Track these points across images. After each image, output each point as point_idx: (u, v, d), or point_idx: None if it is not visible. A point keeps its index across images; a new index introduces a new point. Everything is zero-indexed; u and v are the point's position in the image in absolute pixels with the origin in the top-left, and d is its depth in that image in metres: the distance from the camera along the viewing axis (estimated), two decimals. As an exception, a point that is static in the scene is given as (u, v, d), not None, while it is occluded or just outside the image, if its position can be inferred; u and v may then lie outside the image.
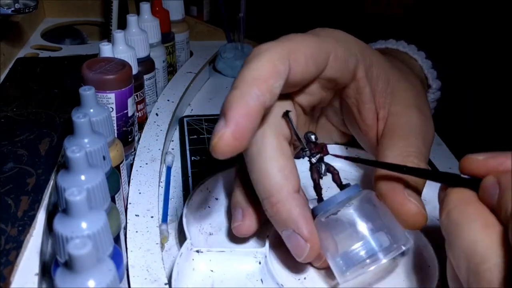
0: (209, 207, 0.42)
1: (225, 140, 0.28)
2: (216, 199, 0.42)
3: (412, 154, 0.34)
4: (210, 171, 0.43)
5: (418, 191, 0.33)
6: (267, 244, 0.36)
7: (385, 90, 0.38)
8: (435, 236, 0.35)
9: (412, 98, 0.39)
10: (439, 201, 0.29)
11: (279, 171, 0.32)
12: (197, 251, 0.35)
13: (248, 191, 0.36)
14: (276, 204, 0.32)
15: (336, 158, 0.35)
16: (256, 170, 0.32)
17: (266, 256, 0.35)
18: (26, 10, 0.57)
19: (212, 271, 0.35)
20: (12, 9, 0.56)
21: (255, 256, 0.36)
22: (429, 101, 0.50)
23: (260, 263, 0.36)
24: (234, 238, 0.39)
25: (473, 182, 0.28)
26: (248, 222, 0.36)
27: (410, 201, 0.32)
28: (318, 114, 0.42)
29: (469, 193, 0.27)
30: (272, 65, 0.30)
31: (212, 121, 0.58)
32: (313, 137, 0.34)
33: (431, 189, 0.44)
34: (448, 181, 0.29)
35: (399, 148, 0.35)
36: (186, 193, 0.46)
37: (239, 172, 0.37)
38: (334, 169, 0.34)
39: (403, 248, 0.31)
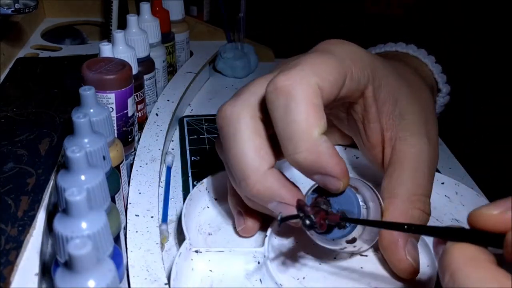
0: (208, 207, 0.42)
1: (346, 183, 0.32)
2: (215, 199, 0.42)
3: (418, 199, 0.35)
4: (210, 172, 0.43)
5: (416, 243, 0.35)
6: (266, 244, 0.36)
7: (392, 112, 0.37)
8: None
9: (421, 124, 0.38)
10: (436, 255, 0.28)
11: (255, 152, 0.32)
12: (196, 251, 0.35)
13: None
14: (255, 185, 0.32)
15: None
16: (232, 151, 0.33)
17: (265, 256, 0.35)
18: (26, 10, 0.57)
19: (211, 271, 0.35)
20: (12, 9, 0.56)
21: (254, 256, 0.36)
22: (438, 106, 0.50)
23: (259, 263, 0.36)
24: (233, 238, 0.39)
25: (491, 238, 0.25)
26: (250, 223, 0.37)
27: (408, 260, 0.34)
28: None
29: (473, 250, 0.25)
30: (315, 106, 0.31)
31: (212, 121, 0.58)
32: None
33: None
34: (456, 237, 0.26)
35: (407, 190, 0.35)
36: (186, 193, 0.46)
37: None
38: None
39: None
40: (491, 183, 0.48)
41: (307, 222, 0.30)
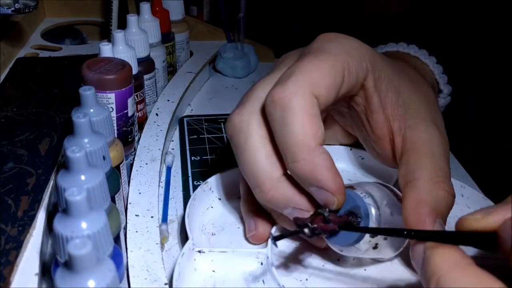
0: (211, 207, 0.42)
1: (342, 200, 0.32)
2: (219, 199, 0.42)
3: (441, 180, 0.34)
4: (212, 171, 0.43)
5: (444, 224, 0.34)
6: (269, 244, 0.36)
7: (396, 102, 0.37)
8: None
9: (426, 112, 0.38)
10: (416, 259, 0.27)
11: (267, 159, 0.32)
12: (199, 251, 0.35)
13: (255, 198, 0.36)
14: (269, 192, 0.32)
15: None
16: (244, 159, 0.33)
17: (268, 257, 0.35)
18: (26, 10, 0.57)
19: (214, 271, 0.35)
20: (12, 9, 0.56)
21: (257, 257, 0.36)
22: (439, 107, 0.50)
23: (262, 263, 0.36)
24: (236, 238, 0.39)
25: (482, 237, 0.25)
26: (261, 230, 0.37)
27: None
28: (325, 115, 0.42)
29: (455, 255, 0.25)
30: (312, 116, 0.31)
31: (212, 121, 0.58)
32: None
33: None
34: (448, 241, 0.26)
35: (428, 172, 0.34)
36: (186, 193, 0.46)
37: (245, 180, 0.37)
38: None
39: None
40: (491, 183, 0.48)
41: (306, 231, 0.30)
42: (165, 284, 0.32)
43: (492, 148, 0.61)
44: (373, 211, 0.33)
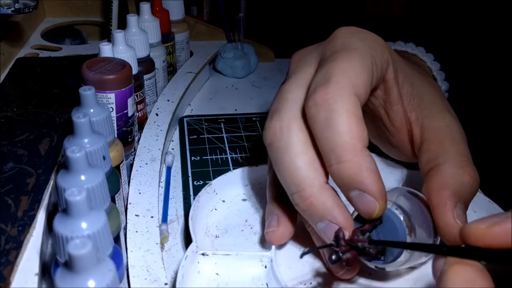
0: (215, 209, 0.42)
1: (382, 208, 0.31)
2: (223, 201, 0.42)
3: (466, 164, 0.34)
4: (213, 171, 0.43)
5: (465, 208, 0.34)
6: (273, 248, 0.35)
7: (411, 92, 0.37)
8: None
9: (440, 101, 0.38)
10: (434, 272, 0.27)
11: (309, 165, 0.32)
12: (203, 254, 0.35)
13: (282, 198, 0.35)
14: (309, 198, 0.31)
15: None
16: (284, 165, 0.32)
17: (272, 260, 0.35)
18: (26, 10, 0.57)
19: (217, 274, 0.35)
20: (12, 9, 0.56)
21: (261, 260, 0.35)
22: None
23: (266, 267, 0.35)
24: (240, 241, 0.39)
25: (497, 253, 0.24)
26: (282, 230, 0.36)
27: (456, 223, 0.32)
28: None
29: (472, 274, 0.24)
30: (357, 117, 0.31)
31: (212, 121, 0.58)
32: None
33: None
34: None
35: (452, 156, 0.34)
36: (186, 193, 0.46)
37: (273, 179, 0.37)
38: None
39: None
40: (491, 183, 0.48)
41: (333, 257, 0.30)
42: (165, 284, 0.32)
43: (492, 148, 0.61)
44: (403, 223, 0.32)
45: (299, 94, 0.33)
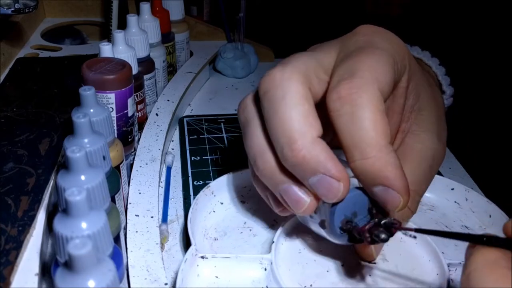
0: (214, 211, 0.41)
1: (406, 202, 0.31)
2: (221, 203, 0.42)
3: (411, 195, 0.34)
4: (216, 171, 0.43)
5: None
6: (273, 250, 0.35)
7: (413, 105, 0.37)
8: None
9: (434, 122, 0.38)
10: (466, 255, 0.27)
11: (304, 118, 0.31)
12: (202, 257, 0.35)
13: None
14: (301, 151, 0.30)
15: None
16: (278, 115, 0.31)
17: (272, 263, 0.35)
18: (26, 10, 0.57)
19: (217, 277, 0.35)
20: (12, 9, 0.56)
21: (260, 263, 0.35)
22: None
23: (265, 269, 0.35)
24: (239, 243, 0.39)
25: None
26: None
27: None
28: None
29: (496, 255, 0.24)
30: (382, 112, 0.30)
31: (212, 121, 0.58)
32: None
33: (438, 196, 0.44)
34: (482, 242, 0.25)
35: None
36: (186, 193, 0.46)
37: (268, 143, 0.34)
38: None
39: None
40: (491, 183, 0.48)
41: (383, 236, 0.30)
42: (165, 284, 0.32)
43: (492, 148, 0.61)
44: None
45: (311, 61, 0.33)
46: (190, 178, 0.48)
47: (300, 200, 0.32)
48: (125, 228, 0.36)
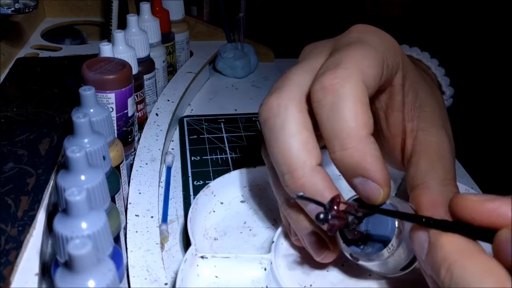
0: (213, 211, 0.41)
1: (387, 194, 0.30)
2: (221, 203, 0.42)
3: (451, 183, 0.34)
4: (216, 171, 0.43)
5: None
6: (273, 250, 0.35)
7: (414, 102, 0.37)
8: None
9: (439, 117, 0.38)
10: (418, 243, 0.27)
11: (303, 146, 0.31)
12: (202, 257, 0.35)
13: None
14: (300, 179, 0.31)
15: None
16: (278, 144, 0.32)
17: (271, 263, 0.35)
18: (26, 10, 0.57)
19: (216, 277, 0.35)
20: (12, 9, 0.56)
21: (260, 263, 0.35)
22: None
23: (265, 269, 0.35)
24: (239, 243, 0.39)
25: (482, 232, 0.25)
26: (335, 250, 0.34)
27: None
28: None
29: (463, 241, 0.25)
30: (364, 104, 0.30)
31: (212, 121, 0.58)
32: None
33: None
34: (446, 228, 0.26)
35: (439, 175, 0.34)
36: (186, 193, 0.46)
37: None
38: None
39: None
40: (491, 183, 0.48)
41: (321, 216, 0.29)
42: (165, 284, 0.32)
43: (492, 148, 0.61)
44: (396, 223, 0.32)
45: (305, 78, 0.33)
46: (190, 178, 0.48)
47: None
48: (125, 228, 0.36)
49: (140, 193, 0.40)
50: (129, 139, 0.43)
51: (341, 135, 0.30)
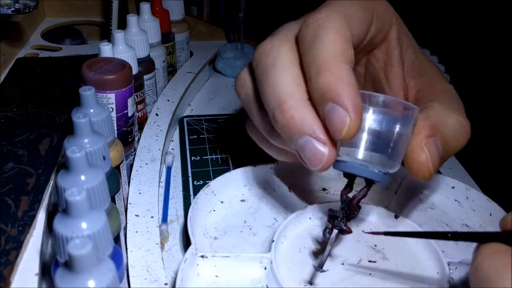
0: (214, 210, 0.41)
1: (355, 124, 0.29)
2: (221, 202, 0.42)
3: (456, 108, 0.34)
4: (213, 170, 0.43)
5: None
6: (273, 249, 0.35)
7: (413, 60, 0.37)
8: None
9: (439, 74, 0.38)
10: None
11: (293, 79, 0.31)
12: (202, 256, 0.35)
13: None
14: (289, 111, 0.30)
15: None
16: (269, 80, 0.32)
17: (272, 262, 0.35)
18: (26, 10, 0.57)
19: (217, 276, 0.35)
20: (12, 9, 0.56)
21: (260, 262, 0.35)
22: None
23: (265, 268, 0.35)
24: (239, 242, 0.39)
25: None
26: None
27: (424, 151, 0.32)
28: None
29: (503, 246, 0.25)
30: (344, 36, 0.30)
31: (212, 121, 0.58)
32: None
33: (439, 194, 0.44)
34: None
35: (442, 100, 0.34)
36: (186, 193, 0.46)
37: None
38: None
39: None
40: (491, 183, 0.48)
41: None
42: (165, 284, 0.32)
43: (492, 148, 0.61)
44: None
45: (298, 26, 0.33)
46: (190, 178, 0.48)
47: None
48: (125, 228, 0.36)
49: (140, 193, 0.40)
50: (129, 139, 0.43)
51: (318, 60, 0.30)
